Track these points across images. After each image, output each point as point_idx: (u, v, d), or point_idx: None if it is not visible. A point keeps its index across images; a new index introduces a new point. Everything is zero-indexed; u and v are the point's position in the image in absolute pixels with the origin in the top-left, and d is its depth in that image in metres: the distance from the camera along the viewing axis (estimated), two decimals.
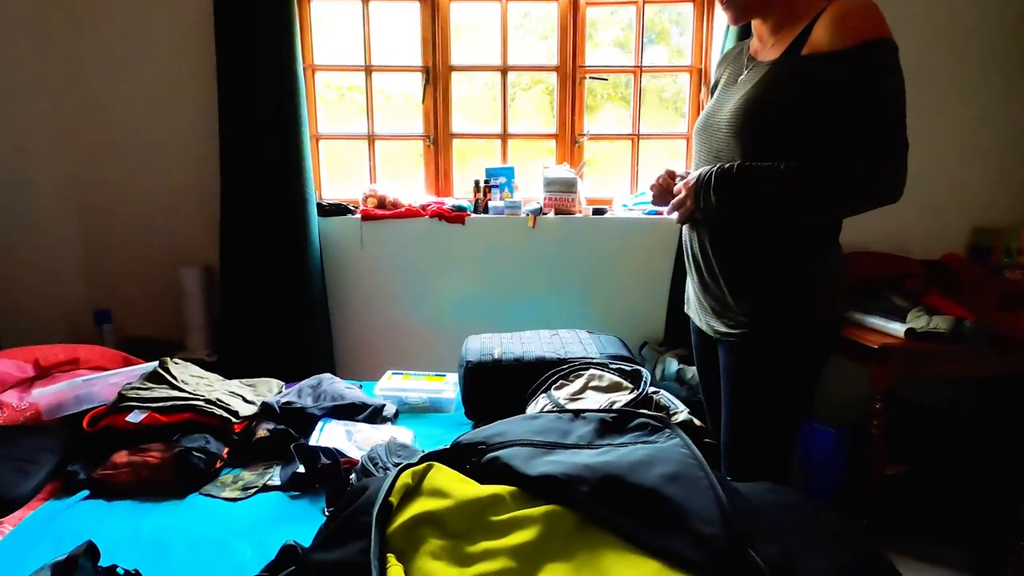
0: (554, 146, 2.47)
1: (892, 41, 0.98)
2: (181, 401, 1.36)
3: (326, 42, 2.40)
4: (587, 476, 0.61)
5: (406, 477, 0.65)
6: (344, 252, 2.30)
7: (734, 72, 1.21)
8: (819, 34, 1.01)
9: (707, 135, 1.18)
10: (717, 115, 1.15)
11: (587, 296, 2.34)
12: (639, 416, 0.76)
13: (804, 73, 1.02)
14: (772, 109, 1.04)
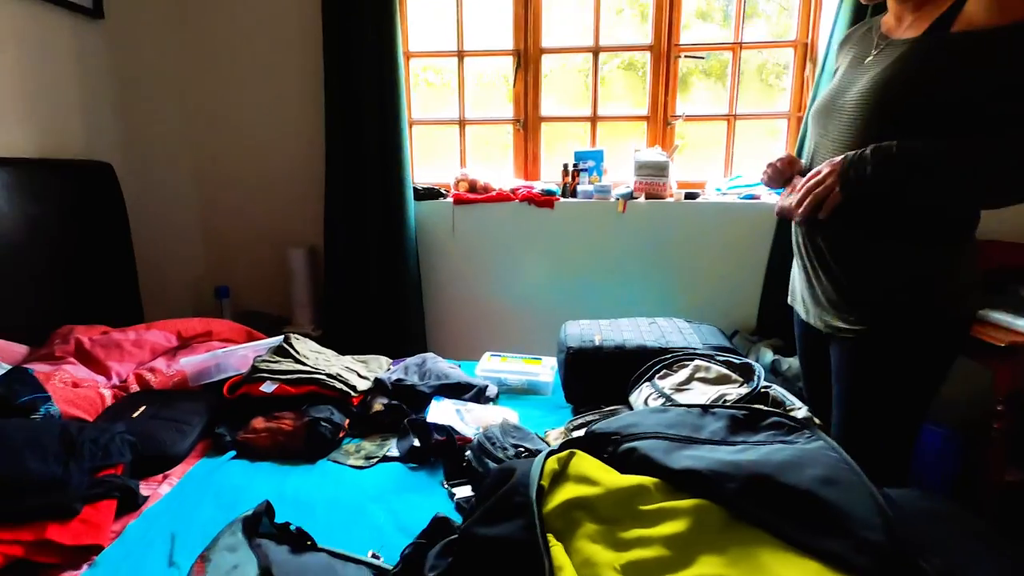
0: (645, 128, 2.43)
1: None
2: (306, 374, 1.48)
3: (419, 29, 2.46)
4: (733, 473, 0.63)
5: (552, 463, 0.69)
6: (437, 235, 2.39)
7: (861, 52, 1.14)
8: (974, 10, 0.94)
9: (831, 117, 1.12)
10: (844, 96, 1.10)
11: (677, 282, 2.30)
12: (772, 415, 0.76)
13: (957, 50, 0.95)
14: (914, 87, 0.98)
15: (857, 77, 1.09)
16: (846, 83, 1.12)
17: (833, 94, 1.15)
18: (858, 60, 1.14)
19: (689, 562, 0.57)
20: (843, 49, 1.23)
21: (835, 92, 1.14)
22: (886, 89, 1.01)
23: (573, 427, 1.26)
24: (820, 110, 1.17)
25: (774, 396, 1.09)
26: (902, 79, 1.00)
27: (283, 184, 2.43)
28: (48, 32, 1.82)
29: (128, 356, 1.62)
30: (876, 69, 1.05)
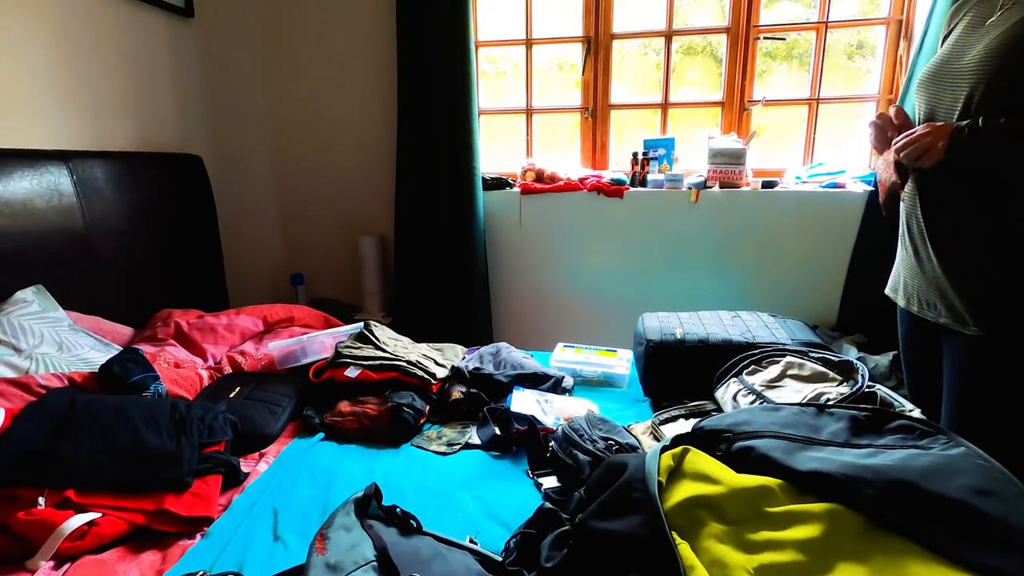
0: (719, 115, 2.34)
1: None
2: (387, 361, 1.52)
3: (488, 18, 2.45)
4: (870, 478, 0.59)
5: (667, 459, 0.68)
6: (504, 225, 2.39)
7: (980, 15, 1.06)
8: None
9: (944, 83, 1.05)
10: (961, 59, 1.02)
11: (753, 274, 2.22)
12: (898, 417, 0.72)
13: None
14: None
15: (977, 39, 1.01)
16: (963, 46, 1.04)
17: (947, 58, 1.06)
18: (978, 22, 1.05)
19: (828, 568, 0.54)
20: (959, 14, 1.14)
21: (949, 56, 1.06)
22: (1011, 48, 0.93)
23: (660, 421, 1.24)
24: (930, 77, 1.09)
25: (882, 397, 1.03)
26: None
27: (356, 174, 2.49)
28: (145, 31, 1.92)
29: (221, 339, 1.71)
30: (1003, 27, 0.97)
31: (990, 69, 0.95)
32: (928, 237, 1.09)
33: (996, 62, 0.95)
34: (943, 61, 1.07)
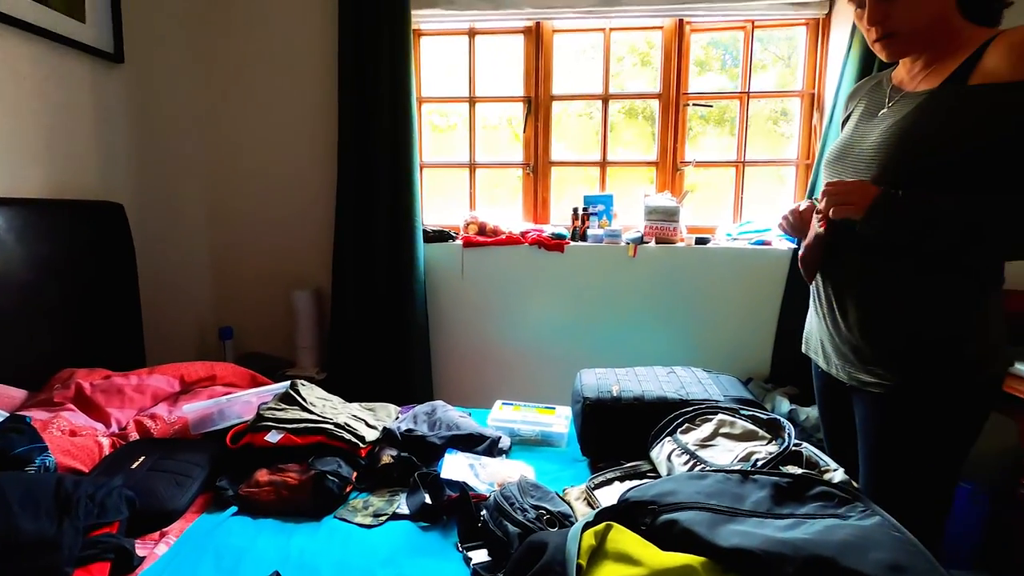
0: (654, 174, 2.44)
1: None
2: (313, 424, 1.43)
3: (431, 75, 2.51)
4: (789, 555, 0.58)
5: (589, 537, 0.64)
6: (446, 278, 2.37)
7: (873, 104, 1.15)
8: (995, 63, 0.95)
9: (847, 166, 1.12)
10: (859, 146, 1.10)
11: (690, 328, 2.27)
12: (819, 483, 0.72)
13: (977, 102, 0.96)
14: (931, 140, 0.98)
15: (872, 128, 1.09)
16: (860, 134, 1.12)
17: (847, 144, 1.14)
18: (871, 112, 1.14)
19: None
20: (852, 101, 1.24)
21: (849, 142, 1.14)
22: (902, 140, 1.01)
23: (594, 485, 1.20)
24: (834, 159, 1.17)
25: (808, 456, 1.04)
26: (921, 130, 1.00)
27: (293, 224, 2.43)
28: (68, 76, 1.84)
29: (129, 402, 1.57)
30: (892, 119, 1.05)
31: (885, 158, 1.02)
32: (834, 296, 1.12)
33: (890, 151, 1.02)
34: (845, 145, 1.15)
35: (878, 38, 1.06)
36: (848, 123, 1.21)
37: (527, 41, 2.41)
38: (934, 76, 1.04)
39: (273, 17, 2.33)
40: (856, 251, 1.08)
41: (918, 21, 1.02)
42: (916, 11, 1.01)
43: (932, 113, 0.99)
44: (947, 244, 0.97)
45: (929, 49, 1.06)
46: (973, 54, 0.99)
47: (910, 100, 1.05)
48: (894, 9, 1.01)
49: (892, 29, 1.03)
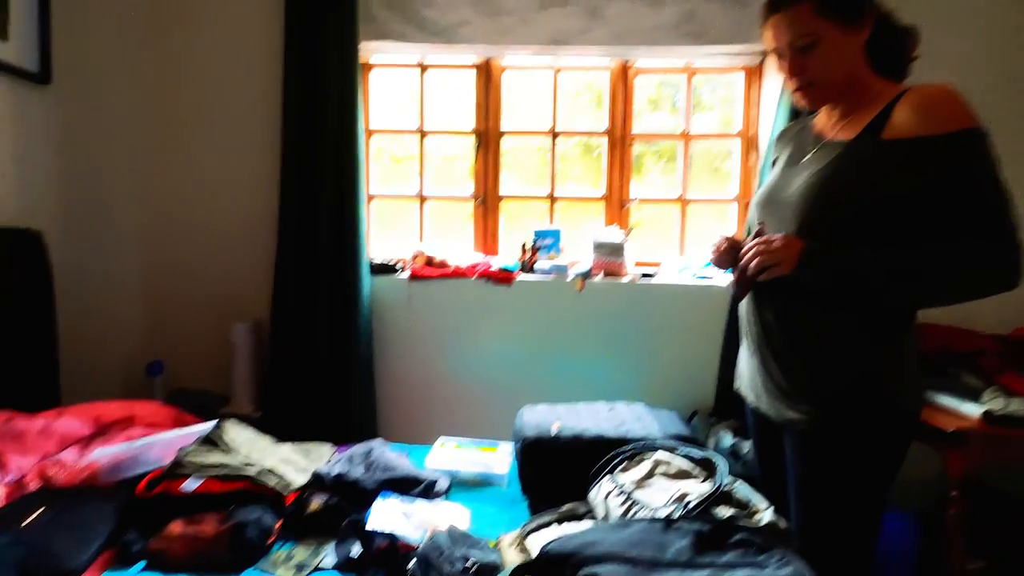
0: (602, 209, 2.49)
1: (985, 128, 0.97)
2: (237, 469, 1.34)
3: (382, 106, 2.50)
4: None
5: None
6: (392, 311, 2.31)
7: (797, 150, 1.20)
8: (903, 119, 1.00)
9: (773, 211, 1.16)
10: (784, 192, 1.14)
11: (636, 361, 2.28)
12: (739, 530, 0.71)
13: (887, 156, 1.01)
14: (849, 189, 1.03)
15: (795, 175, 1.14)
16: (785, 180, 1.16)
17: (773, 189, 1.19)
18: (795, 158, 1.19)
19: None
20: (779, 145, 1.30)
21: (775, 188, 1.18)
22: (822, 189, 1.05)
23: (528, 531, 1.16)
24: (761, 204, 1.21)
25: (738, 498, 1.04)
26: (837, 181, 1.05)
27: (233, 255, 2.33)
28: None
29: (32, 447, 1.44)
30: (813, 168, 1.10)
31: (807, 207, 1.06)
32: (762, 334, 1.15)
33: (811, 201, 1.06)
34: (772, 190, 1.19)
35: (798, 88, 1.11)
36: (775, 167, 1.26)
37: (478, 77, 2.45)
38: (850, 127, 1.10)
39: (216, 41, 2.28)
40: (781, 292, 1.11)
41: (833, 74, 1.08)
42: (830, 64, 1.07)
43: (848, 165, 1.04)
44: (869, 293, 1.02)
45: (845, 100, 1.12)
46: (885, 108, 1.05)
47: (829, 150, 1.10)
48: (811, 61, 1.06)
49: (810, 80, 1.08)
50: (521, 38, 2.31)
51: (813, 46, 1.05)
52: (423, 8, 2.31)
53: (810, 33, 1.04)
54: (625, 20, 2.29)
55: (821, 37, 1.04)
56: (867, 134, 1.05)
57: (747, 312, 1.21)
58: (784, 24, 1.06)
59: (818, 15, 1.04)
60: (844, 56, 1.07)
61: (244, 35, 2.27)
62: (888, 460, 1.10)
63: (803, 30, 1.04)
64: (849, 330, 1.06)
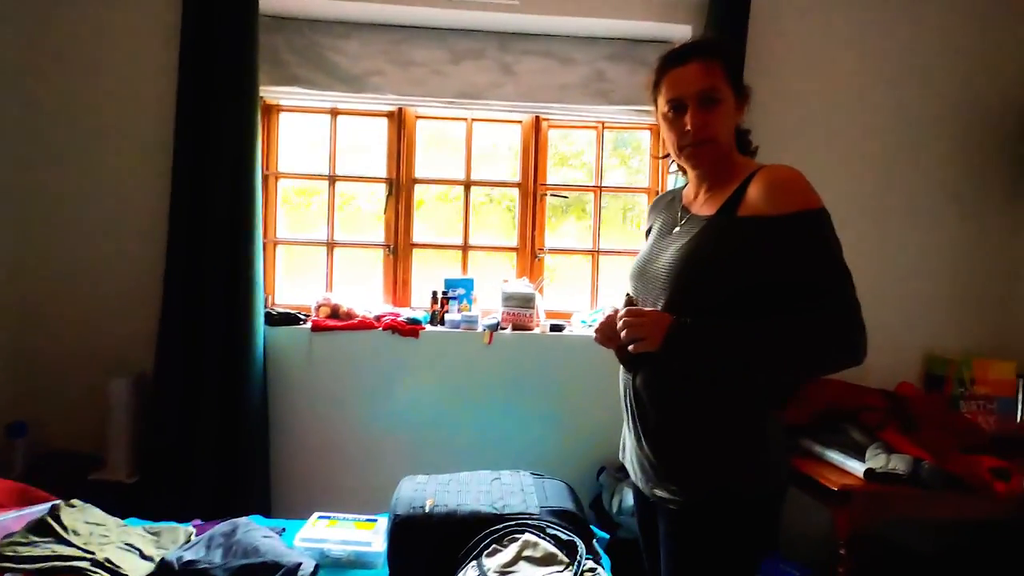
0: (515, 259, 2.48)
1: (826, 209, 1.00)
2: (64, 561, 1.20)
3: (292, 150, 2.44)
4: None
5: None
6: (291, 366, 2.20)
7: (668, 221, 1.21)
8: (755, 198, 1.03)
9: (647, 281, 1.16)
10: (655, 263, 1.14)
11: (545, 415, 2.25)
12: None
13: (744, 233, 1.02)
14: (710, 264, 1.04)
15: (666, 246, 1.14)
16: (656, 251, 1.16)
17: (646, 260, 1.19)
18: (667, 228, 1.20)
19: None
20: (652, 214, 1.31)
21: (647, 258, 1.18)
22: (687, 263, 1.06)
23: None
24: (635, 274, 1.20)
25: None
26: (702, 255, 1.05)
27: (113, 303, 2.16)
28: None
29: None
30: (680, 241, 1.10)
31: (674, 280, 1.06)
32: (636, 409, 1.13)
33: (678, 274, 1.06)
34: (644, 261, 1.19)
35: (695, 143, 1.09)
36: (649, 236, 1.27)
37: (390, 124, 2.43)
38: (712, 201, 1.12)
39: (106, 80, 2.14)
40: (651, 367, 1.10)
41: (725, 136, 1.10)
42: (724, 127, 1.09)
43: (709, 240, 1.06)
44: (739, 367, 1.02)
45: (716, 171, 1.13)
46: (741, 185, 1.07)
47: (694, 223, 1.12)
48: (712, 118, 1.07)
49: (709, 136, 1.08)
50: (433, 90, 2.31)
51: (717, 103, 1.06)
52: (334, 55, 2.28)
53: (718, 88, 1.06)
54: (536, 77, 2.33)
55: (724, 97, 1.06)
56: (726, 210, 1.07)
57: (622, 385, 1.20)
58: (698, 74, 1.06)
59: (725, 76, 1.07)
60: (731, 124, 1.10)
61: (136, 74, 2.15)
62: (755, 539, 1.09)
63: (713, 83, 1.06)
64: (715, 410, 1.05)
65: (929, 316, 2.32)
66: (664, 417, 1.09)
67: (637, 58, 2.35)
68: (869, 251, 2.21)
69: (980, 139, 2.31)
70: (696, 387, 1.05)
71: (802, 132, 2.25)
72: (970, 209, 2.32)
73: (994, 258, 2.33)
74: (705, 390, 1.05)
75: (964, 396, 2.19)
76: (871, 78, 2.29)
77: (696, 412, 1.06)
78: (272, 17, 2.25)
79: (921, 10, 2.28)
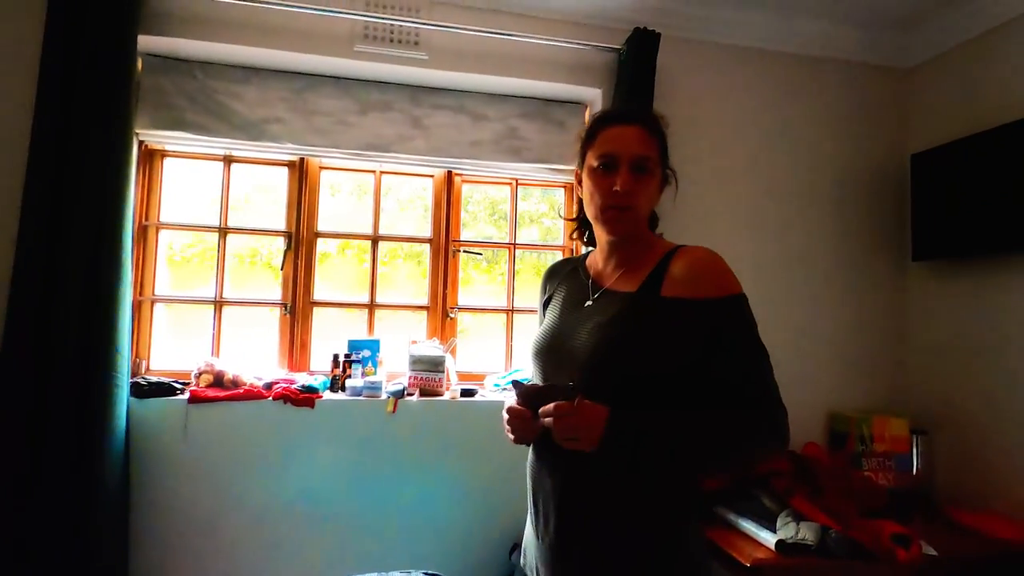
0: (425, 318, 2.34)
1: (745, 293, 0.99)
2: None
3: (179, 199, 2.21)
4: None
5: None
6: (163, 443, 1.92)
7: (576, 294, 1.14)
8: (679, 279, 0.99)
9: (556, 360, 1.06)
10: (569, 341, 1.05)
11: (451, 490, 2.08)
12: None
13: (668, 315, 0.98)
14: (634, 347, 0.98)
15: (580, 323, 1.06)
16: (569, 327, 1.08)
17: (555, 336, 1.10)
18: (575, 302, 1.12)
19: None
20: (551, 283, 1.23)
21: (557, 334, 1.10)
22: (609, 344, 0.99)
23: None
24: (545, 349, 1.11)
25: None
26: (623, 336, 0.99)
27: None
28: None
29: None
30: (600, 319, 1.03)
31: (594, 360, 0.99)
32: (541, 509, 1.04)
33: (597, 355, 0.99)
34: (554, 337, 1.10)
35: (619, 205, 1.03)
36: (550, 308, 1.18)
37: (291, 174, 2.27)
38: (630, 277, 1.06)
39: None
40: (560, 463, 1.01)
41: (646, 209, 1.07)
42: (648, 200, 1.06)
43: (633, 319, 1.00)
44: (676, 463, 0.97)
45: (630, 245, 1.08)
46: (660, 263, 1.03)
47: (613, 300, 1.05)
48: (641, 187, 1.03)
49: (634, 203, 1.03)
50: (338, 141, 2.19)
51: (647, 172, 1.03)
52: (230, 100, 2.12)
53: (652, 159, 1.04)
54: (448, 132, 2.27)
55: (654, 171, 1.04)
56: (647, 288, 1.02)
57: (532, 474, 1.09)
58: (638, 138, 1.03)
59: (659, 154, 1.05)
60: (653, 201, 1.08)
61: None
62: None
63: (650, 152, 1.03)
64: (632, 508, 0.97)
65: (831, 376, 2.40)
66: (573, 513, 0.99)
67: (550, 117, 2.36)
68: (775, 313, 2.27)
69: (867, 207, 2.47)
70: (624, 489, 0.97)
71: (702, 200, 2.30)
72: (862, 273, 2.45)
73: (884, 319, 2.46)
74: (634, 492, 0.97)
75: (865, 453, 2.24)
76: (766, 149, 2.40)
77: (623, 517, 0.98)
78: (160, 57, 2.08)
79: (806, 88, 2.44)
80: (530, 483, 1.10)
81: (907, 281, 2.47)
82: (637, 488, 0.97)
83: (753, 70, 2.39)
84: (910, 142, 2.46)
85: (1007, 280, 2.06)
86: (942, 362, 2.30)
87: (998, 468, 2.07)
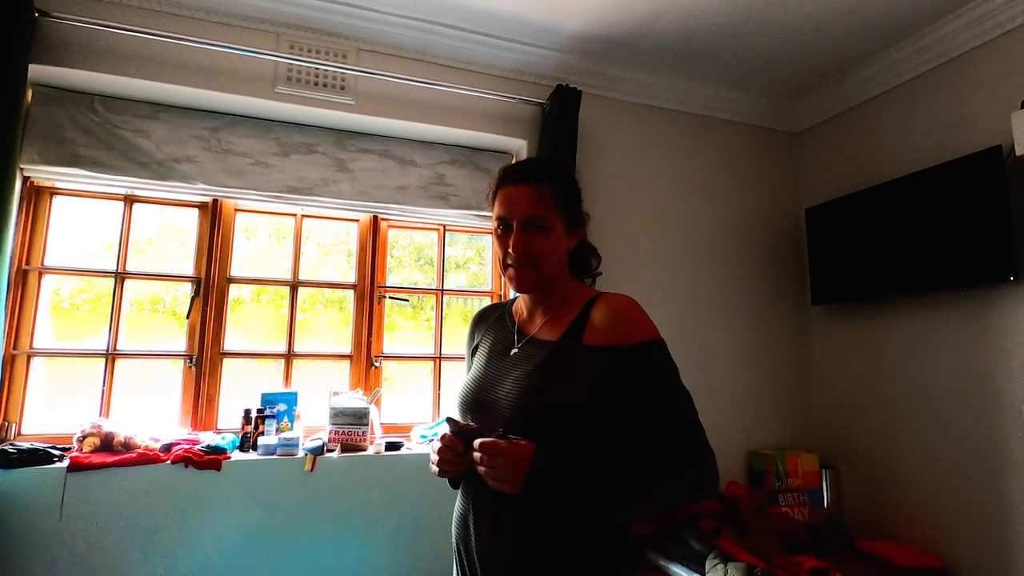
0: (348, 368, 2.23)
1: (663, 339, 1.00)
2: None
3: (69, 241, 2.00)
4: None
5: None
6: (35, 520, 1.65)
7: (502, 342, 1.12)
8: (600, 326, 0.99)
9: (482, 411, 1.02)
10: (494, 392, 1.02)
11: (376, 551, 1.94)
12: None
13: (589, 361, 0.97)
14: (558, 393, 0.96)
15: (505, 372, 1.04)
16: (495, 376, 1.05)
17: (481, 386, 1.06)
18: (501, 351, 1.10)
19: None
20: (479, 330, 1.21)
21: (483, 385, 1.06)
22: (534, 395, 0.97)
23: None
24: (472, 401, 1.07)
25: None
26: (546, 386, 0.97)
27: None
28: None
29: None
30: (524, 369, 1.01)
31: (519, 411, 0.97)
32: (467, 566, 0.99)
33: (520, 405, 0.97)
34: (479, 387, 1.06)
35: (518, 264, 1.03)
36: (477, 356, 1.15)
37: (202, 216, 2.13)
38: (553, 326, 1.05)
39: None
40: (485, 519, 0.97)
41: (551, 262, 1.05)
42: (552, 253, 1.04)
43: (556, 368, 0.99)
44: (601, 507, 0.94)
45: (548, 295, 1.08)
46: (582, 311, 1.02)
47: (537, 349, 1.04)
48: (536, 241, 1.02)
49: (530, 261, 1.02)
50: (256, 183, 2.09)
51: (544, 229, 1.02)
52: (134, 136, 1.98)
53: (546, 216, 1.02)
54: (374, 176, 2.24)
55: (552, 225, 1.03)
56: (568, 337, 1.01)
57: (458, 530, 1.03)
58: (527, 198, 1.02)
59: (554, 204, 1.03)
60: (561, 251, 1.07)
61: None
62: None
63: (541, 210, 1.02)
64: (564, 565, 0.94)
65: (747, 416, 2.51)
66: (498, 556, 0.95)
67: (478, 164, 2.39)
68: (692, 358, 2.36)
69: (770, 256, 2.68)
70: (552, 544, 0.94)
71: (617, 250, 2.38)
72: (768, 317, 2.63)
73: (791, 360, 2.63)
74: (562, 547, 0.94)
75: (781, 489, 2.34)
76: (678, 203, 2.56)
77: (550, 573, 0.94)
78: (56, 88, 1.92)
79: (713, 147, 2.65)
80: (455, 539, 1.05)
81: (808, 323, 2.67)
82: (565, 542, 0.95)
83: (666, 129, 2.56)
84: (804, 197, 2.71)
85: (891, 320, 2.28)
86: (843, 399, 2.48)
87: (900, 499, 2.22)
